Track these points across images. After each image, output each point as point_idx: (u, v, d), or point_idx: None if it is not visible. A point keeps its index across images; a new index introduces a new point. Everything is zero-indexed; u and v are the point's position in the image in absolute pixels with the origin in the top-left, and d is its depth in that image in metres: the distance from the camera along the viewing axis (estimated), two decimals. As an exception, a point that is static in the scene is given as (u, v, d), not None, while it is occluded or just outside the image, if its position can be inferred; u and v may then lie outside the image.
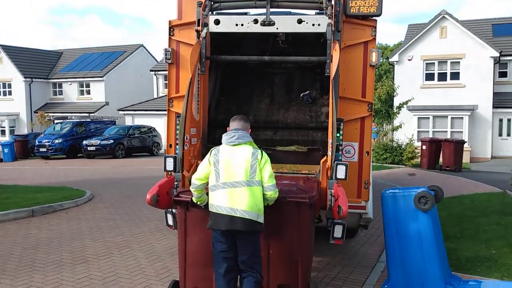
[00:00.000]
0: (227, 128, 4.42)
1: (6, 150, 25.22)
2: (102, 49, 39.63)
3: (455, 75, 24.32)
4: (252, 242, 4.16)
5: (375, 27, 5.99)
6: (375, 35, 5.99)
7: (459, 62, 24.13)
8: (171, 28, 6.36)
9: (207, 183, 4.27)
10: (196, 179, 4.27)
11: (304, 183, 5.06)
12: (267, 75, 7.46)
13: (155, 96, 34.19)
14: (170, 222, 5.46)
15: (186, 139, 5.41)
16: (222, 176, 4.13)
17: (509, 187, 11.70)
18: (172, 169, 5.26)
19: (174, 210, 5.35)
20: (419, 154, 19.67)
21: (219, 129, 6.78)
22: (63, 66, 38.57)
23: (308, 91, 7.13)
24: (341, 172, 4.84)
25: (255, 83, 7.45)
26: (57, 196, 10.97)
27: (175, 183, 5.22)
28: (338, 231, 4.86)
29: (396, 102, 22.51)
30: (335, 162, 4.91)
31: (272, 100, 7.23)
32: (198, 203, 4.39)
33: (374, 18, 5.96)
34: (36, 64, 37.64)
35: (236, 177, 4.10)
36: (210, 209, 4.19)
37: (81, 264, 6.19)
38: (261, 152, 4.27)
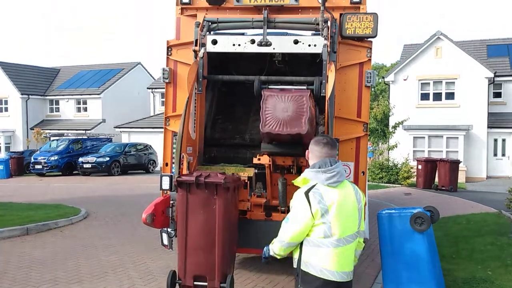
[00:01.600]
0: (306, 152, 3.30)
1: (1, 167, 25.09)
2: (100, 67, 39.81)
3: (450, 95, 24.54)
4: None
5: (371, 49, 6.10)
6: (370, 56, 6.09)
7: (454, 82, 24.37)
8: (169, 48, 6.44)
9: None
10: (292, 239, 3.11)
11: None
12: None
13: (152, 113, 34.26)
14: (165, 241, 5.44)
15: (182, 158, 5.43)
16: (336, 231, 3.03)
17: (504, 207, 11.71)
18: (168, 188, 5.26)
19: (169, 230, 5.33)
20: (415, 173, 19.70)
21: (215, 148, 6.82)
22: (61, 83, 38.66)
23: None
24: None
25: (251, 102, 7.50)
26: (52, 214, 10.89)
27: (171, 202, 5.22)
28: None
29: (392, 122, 22.65)
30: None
31: None
32: (277, 258, 3.37)
33: (369, 39, 6.06)
34: (33, 81, 37.73)
35: (349, 230, 3.09)
36: (304, 269, 3.08)
37: (76, 284, 6.12)
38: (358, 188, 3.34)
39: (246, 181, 5.49)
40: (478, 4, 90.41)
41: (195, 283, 4.67)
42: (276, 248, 3.25)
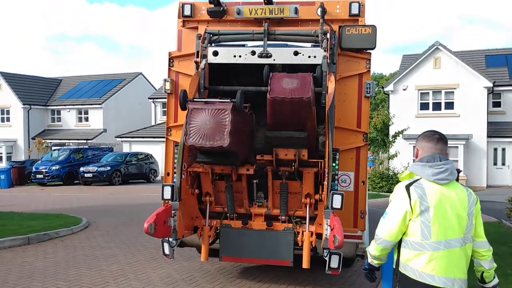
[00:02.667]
0: (416, 149, 3.11)
1: (2, 177, 25.17)
2: (101, 77, 40.04)
3: (450, 105, 24.64)
4: None
5: (370, 60, 6.17)
6: (369, 67, 6.16)
7: (453, 92, 24.48)
8: (171, 59, 6.52)
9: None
10: (390, 236, 2.93)
11: None
12: (264, 105, 7.59)
13: (153, 123, 34.37)
14: (167, 251, 5.48)
15: (184, 168, 5.48)
16: (436, 233, 2.81)
17: (505, 217, 11.73)
18: (169, 197, 5.31)
19: (171, 239, 5.37)
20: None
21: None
22: (62, 93, 38.85)
23: None
24: (337, 201, 4.90)
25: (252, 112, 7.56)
26: (53, 223, 10.93)
27: (173, 211, 5.26)
28: (334, 261, 4.89)
29: (392, 131, 22.72)
30: (331, 191, 4.97)
31: None
32: (376, 262, 3.17)
33: (368, 51, 6.14)
34: (35, 91, 37.92)
35: (452, 233, 2.84)
36: (403, 271, 2.94)
37: (77, 293, 6.15)
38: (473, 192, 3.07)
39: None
40: (477, 8, 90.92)
41: None
42: (372, 249, 3.07)
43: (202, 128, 4.96)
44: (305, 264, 5.27)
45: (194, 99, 5.35)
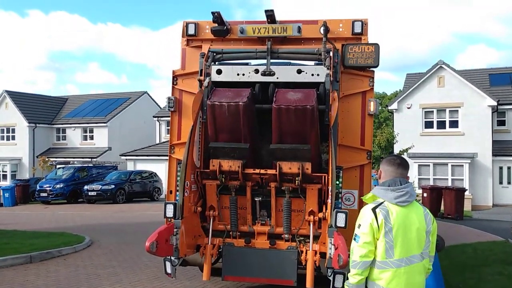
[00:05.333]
0: (378, 173, 3.44)
1: (6, 195, 25.19)
2: (107, 96, 40.35)
3: (454, 123, 24.59)
4: None
5: (373, 78, 6.19)
6: (373, 85, 6.18)
7: (457, 110, 24.46)
8: (175, 77, 6.57)
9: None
10: (365, 256, 3.06)
11: None
12: (267, 122, 7.61)
13: (157, 141, 34.46)
14: (169, 270, 5.43)
15: (187, 185, 5.47)
16: (398, 251, 3.04)
17: (511, 236, 11.59)
18: (172, 215, 5.29)
19: (173, 258, 5.33)
20: (420, 201, 19.57)
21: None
22: (68, 112, 39.12)
23: None
24: (341, 220, 4.85)
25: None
26: (56, 242, 10.87)
27: (175, 230, 5.23)
28: (338, 281, 4.83)
29: (396, 149, 22.65)
30: (335, 210, 4.93)
31: None
32: None
33: (371, 69, 6.17)
34: (41, 109, 38.18)
35: (412, 250, 3.08)
36: None
37: (78, 313, 6.08)
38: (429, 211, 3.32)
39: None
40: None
41: None
42: (351, 277, 3.14)
43: (224, 96, 5.54)
44: (309, 283, 5.20)
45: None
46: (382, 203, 3.11)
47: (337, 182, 5.41)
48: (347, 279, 3.22)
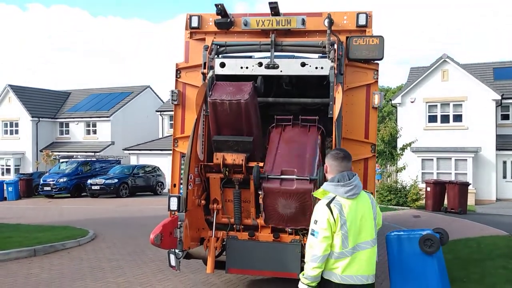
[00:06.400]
0: (325, 166, 3.57)
1: (10, 189, 25.29)
2: (110, 90, 40.32)
3: (458, 117, 24.50)
4: None
5: (377, 70, 6.15)
6: (377, 78, 6.14)
7: (461, 104, 24.36)
8: (178, 70, 6.54)
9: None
10: (325, 250, 3.23)
11: None
12: (270, 118, 7.60)
13: (160, 136, 34.50)
14: (173, 262, 5.43)
15: (191, 178, 5.46)
16: (352, 239, 3.26)
17: (515, 230, 11.57)
18: (176, 208, 5.29)
19: (177, 251, 5.33)
20: (424, 195, 19.55)
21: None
22: (71, 106, 39.15)
23: None
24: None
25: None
26: (59, 235, 10.91)
27: (179, 223, 5.23)
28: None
29: (400, 144, 22.59)
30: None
31: None
32: (313, 285, 3.31)
33: (376, 61, 6.13)
34: (44, 104, 38.22)
35: (364, 237, 3.32)
36: (327, 278, 3.30)
37: (82, 305, 6.10)
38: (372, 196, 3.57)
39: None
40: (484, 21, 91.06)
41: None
42: (310, 271, 3.26)
43: (225, 92, 5.49)
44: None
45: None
46: (334, 198, 3.29)
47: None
48: (303, 272, 3.34)
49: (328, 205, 3.25)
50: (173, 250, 5.33)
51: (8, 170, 35.84)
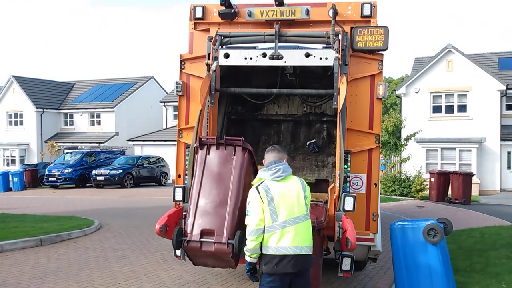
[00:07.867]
0: (263, 161, 4.18)
1: (15, 179, 25.45)
2: (114, 81, 40.34)
3: (462, 108, 24.40)
4: (308, 278, 3.98)
5: (382, 61, 6.13)
6: (381, 69, 6.12)
7: (466, 95, 24.25)
8: (182, 61, 6.54)
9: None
10: (258, 224, 3.79)
11: (312, 209, 5.06)
12: (273, 122, 7.63)
13: (164, 126, 34.56)
14: (178, 252, 5.47)
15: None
16: (282, 215, 3.81)
17: (519, 221, 11.57)
18: (181, 199, 5.33)
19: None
20: (428, 186, 19.55)
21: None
22: (75, 97, 39.22)
23: (314, 140, 7.24)
24: (349, 203, 4.87)
25: (261, 130, 7.62)
26: (65, 225, 11.01)
27: (184, 213, 5.26)
28: (346, 264, 4.84)
29: (404, 134, 22.56)
30: (343, 193, 4.94)
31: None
32: (254, 256, 3.88)
33: (380, 52, 6.11)
34: (48, 95, 38.31)
35: (295, 212, 3.85)
36: (265, 252, 3.83)
37: (89, 294, 6.18)
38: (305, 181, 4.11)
39: None
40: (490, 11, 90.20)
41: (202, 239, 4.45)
42: (248, 243, 3.82)
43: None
44: None
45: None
46: (263, 181, 3.93)
47: (345, 166, 5.41)
48: (246, 259, 3.90)
49: (257, 187, 3.88)
50: (178, 240, 5.35)
51: (13, 161, 36.03)
